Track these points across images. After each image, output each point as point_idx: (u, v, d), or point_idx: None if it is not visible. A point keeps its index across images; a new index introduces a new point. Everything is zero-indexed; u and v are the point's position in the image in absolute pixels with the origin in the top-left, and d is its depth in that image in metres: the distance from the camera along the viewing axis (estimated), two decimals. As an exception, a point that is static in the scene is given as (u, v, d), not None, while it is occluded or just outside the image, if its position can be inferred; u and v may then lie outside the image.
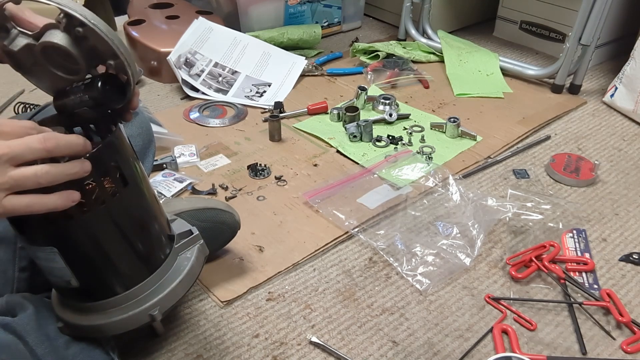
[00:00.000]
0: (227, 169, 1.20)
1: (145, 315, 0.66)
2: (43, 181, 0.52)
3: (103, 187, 0.59)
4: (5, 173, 0.50)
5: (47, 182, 0.52)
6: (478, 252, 0.98)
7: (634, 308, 0.89)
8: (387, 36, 1.87)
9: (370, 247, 1.00)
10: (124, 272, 0.65)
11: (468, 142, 1.29)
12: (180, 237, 0.72)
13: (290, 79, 1.53)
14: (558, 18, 1.67)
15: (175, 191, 1.11)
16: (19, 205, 0.52)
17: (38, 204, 0.53)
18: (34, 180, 0.51)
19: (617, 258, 0.99)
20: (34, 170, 0.51)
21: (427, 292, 0.92)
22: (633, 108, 1.38)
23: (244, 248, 0.99)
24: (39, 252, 0.61)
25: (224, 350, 0.82)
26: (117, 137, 0.60)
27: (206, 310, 0.88)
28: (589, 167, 1.19)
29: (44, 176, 0.52)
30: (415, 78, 1.56)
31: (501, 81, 1.56)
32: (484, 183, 1.18)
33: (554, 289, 0.92)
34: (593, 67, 1.64)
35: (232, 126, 1.36)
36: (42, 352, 0.62)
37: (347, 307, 0.89)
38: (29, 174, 0.51)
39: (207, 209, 0.89)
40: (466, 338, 0.84)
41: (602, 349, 0.83)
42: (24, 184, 0.51)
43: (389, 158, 1.22)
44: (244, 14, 1.66)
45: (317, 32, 1.70)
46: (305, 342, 0.83)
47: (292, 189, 1.14)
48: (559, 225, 1.04)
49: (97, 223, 0.60)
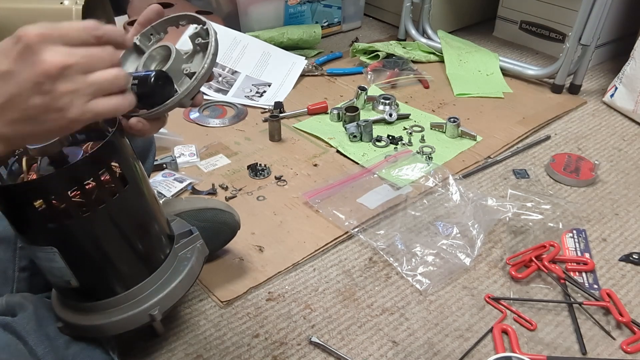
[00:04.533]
0: (227, 169, 1.20)
1: (145, 315, 0.66)
2: (123, 83, 0.51)
3: (103, 187, 0.59)
4: (86, 78, 0.48)
5: (125, 83, 0.51)
6: (478, 252, 0.98)
7: (634, 308, 0.89)
8: (387, 36, 1.87)
9: (370, 247, 1.00)
10: (123, 272, 0.65)
11: (468, 142, 1.29)
12: (180, 237, 0.72)
13: (290, 79, 1.53)
14: (558, 18, 1.67)
15: (175, 191, 1.11)
16: (108, 105, 0.50)
17: (122, 104, 0.51)
18: (117, 81, 0.50)
19: (617, 258, 0.99)
20: (115, 73, 0.50)
21: (427, 292, 0.92)
22: (633, 108, 1.38)
23: (244, 248, 0.99)
24: (39, 252, 0.61)
25: (224, 350, 0.82)
26: (117, 137, 0.60)
27: (206, 310, 0.88)
28: (589, 167, 1.19)
29: (123, 78, 0.51)
30: (415, 78, 1.56)
31: (501, 81, 1.56)
32: (484, 183, 1.18)
33: (554, 289, 0.92)
34: (593, 67, 1.64)
35: (232, 126, 1.36)
36: (42, 352, 0.62)
37: (347, 307, 0.89)
38: (111, 73, 0.50)
39: (207, 209, 0.89)
40: (466, 338, 0.84)
41: (602, 349, 0.83)
42: (108, 87, 0.50)
43: (389, 158, 1.22)
44: (244, 14, 1.66)
45: (317, 32, 1.70)
46: (305, 342, 0.83)
47: (292, 189, 1.14)
48: (559, 225, 1.04)
49: (97, 223, 0.60)
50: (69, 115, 0.47)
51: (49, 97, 0.46)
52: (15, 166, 0.63)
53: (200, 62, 0.62)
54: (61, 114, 0.47)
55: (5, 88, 0.46)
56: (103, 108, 0.49)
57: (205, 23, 0.63)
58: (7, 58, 0.46)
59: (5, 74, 0.46)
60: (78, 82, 0.47)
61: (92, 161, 0.57)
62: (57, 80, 0.46)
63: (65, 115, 0.47)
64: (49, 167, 0.58)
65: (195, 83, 0.60)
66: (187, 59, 0.64)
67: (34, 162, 0.61)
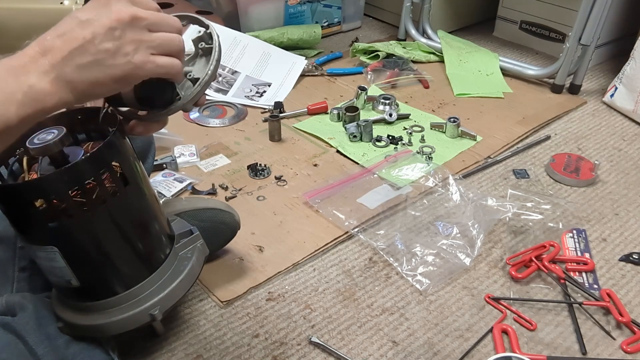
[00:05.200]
0: (227, 169, 1.20)
1: (146, 315, 0.66)
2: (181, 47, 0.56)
3: (104, 186, 0.59)
4: (152, 34, 0.54)
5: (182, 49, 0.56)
6: (478, 252, 0.98)
7: (634, 308, 0.89)
8: (387, 36, 1.87)
9: (370, 247, 1.00)
10: (124, 271, 0.65)
11: (468, 142, 1.29)
12: (180, 237, 0.73)
13: (290, 79, 1.53)
14: (558, 18, 1.67)
15: (175, 191, 1.11)
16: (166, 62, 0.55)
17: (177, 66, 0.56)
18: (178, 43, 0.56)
19: (617, 258, 0.99)
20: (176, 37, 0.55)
21: (427, 292, 0.92)
22: (633, 108, 1.38)
23: (244, 248, 0.99)
24: (39, 251, 0.61)
25: (224, 350, 0.82)
26: (117, 137, 0.60)
27: (206, 310, 0.88)
28: (589, 167, 1.19)
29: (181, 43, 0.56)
30: (415, 78, 1.56)
31: (501, 81, 1.56)
32: (484, 183, 1.18)
33: (554, 289, 0.92)
34: (593, 67, 1.64)
35: (232, 126, 1.36)
36: (42, 352, 0.62)
37: (347, 307, 0.89)
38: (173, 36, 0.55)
39: (207, 209, 0.89)
40: (466, 338, 0.84)
41: (602, 349, 0.83)
42: (169, 46, 0.55)
43: (389, 158, 1.22)
44: (244, 14, 1.66)
45: (317, 32, 1.70)
46: (305, 342, 0.83)
47: (292, 189, 1.14)
48: (559, 225, 1.04)
49: (97, 222, 0.61)
50: (134, 60, 0.52)
51: (118, 42, 0.51)
52: (15, 166, 0.63)
53: (203, 66, 0.62)
54: (127, 59, 0.52)
55: (82, 33, 0.51)
56: (162, 62, 0.54)
57: (209, 27, 0.63)
58: (89, 10, 0.52)
59: (85, 22, 0.51)
60: (144, 34, 0.53)
61: (92, 161, 0.57)
62: (127, 28, 0.52)
63: (130, 60, 0.52)
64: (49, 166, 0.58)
65: (199, 89, 0.60)
66: (189, 62, 0.64)
67: (34, 161, 0.61)
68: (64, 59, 0.50)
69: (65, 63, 0.50)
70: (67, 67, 0.50)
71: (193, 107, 0.63)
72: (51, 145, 0.55)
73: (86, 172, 0.57)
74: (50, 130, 0.57)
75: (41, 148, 0.55)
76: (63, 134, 0.56)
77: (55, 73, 0.50)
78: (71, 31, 0.51)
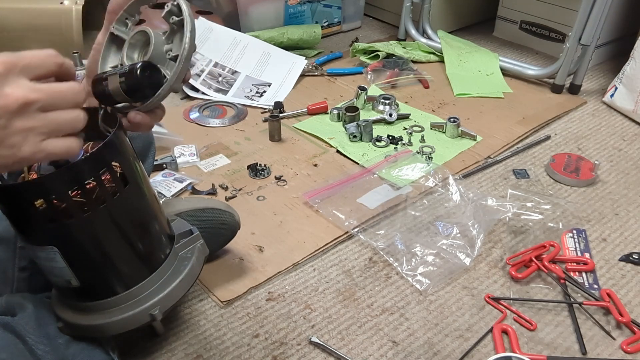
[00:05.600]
0: (227, 169, 1.20)
1: (146, 315, 0.66)
2: (80, 125, 0.50)
3: (104, 186, 0.59)
4: (45, 117, 0.47)
5: (82, 126, 0.50)
6: (478, 252, 0.98)
7: (634, 308, 0.89)
8: (387, 36, 1.87)
9: (370, 247, 1.00)
10: (124, 271, 0.65)
11: (468, 142, 1.29)
12: (181, 237, 0.72)
13: (290, 79, 1.53)
14: (558, 18, 1.67)
15: (175, 191, 1.11)
16: (61, 147, 0.49)
17: (75, 148, 0.50)
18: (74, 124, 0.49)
19: (617, 258, 0.99)
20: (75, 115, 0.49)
21: (427, 292, 0.92)
22: (633, 108, 1.38)
23: (244, 248, 0.99)
24: (39, 251, 0.61)
25: (224, 350, 0.82)
26: (117, 136, 0.60)
27: (206, 310, 0.88)
28: (589, 167, 1.19)
29: (82, 120, 0.50)
30: (415, 78, 1.56)
31: (501, 81, 1.56)
32: (484, 183, 1.18)
33: (554, 289, 0.92)
34: (593, 67, 1.64)
35: (232, 126, 1.36)
36: (42, 352, 0.62)
37: (347, 307, 0.89)
38: (70, 116, 0.49)
39: (207, 209, 0.89)
40: (466, 338, 0.84)
41: (602, 349, 0.83)
42: (64, 128, 0.49)
43: (389, 158, 1.22)
44: (244, 14, 1.66)
45: (317, 32, 1.70)
46: (305, 342, 0.83)
47: (292, 189, 1.14)
48: (559, 225, 1.04)
49: (97, 222, 0.60)
50: (20, 153, 0.46)
51: (3, 133, 0.45)
52: (15, 166, 0.63)
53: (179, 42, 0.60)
54: (12, 151, 0.46)
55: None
56: (55, 149, 0.48)
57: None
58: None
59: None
60: (36, 119, 0.46)
61: (92, 161, 0.57)
62: (15, 116, 0.45)
63: (16, 153, 0.46)
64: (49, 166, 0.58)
65: (181, 66, 0.58)
66: (167, 40, 0.62)
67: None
68: None
69: None
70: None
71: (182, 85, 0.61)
72: None
73: (86, 172, 0.57)
74: (50, 130, 0.57)
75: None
76: None
77: None
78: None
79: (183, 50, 0.58)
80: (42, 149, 0.47)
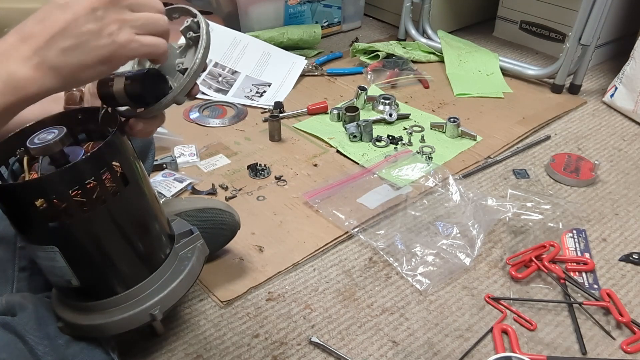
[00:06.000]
0: (227, 169, 1.20)
1: (146, 315, 0.66)
2: (165, 27, 0.55)
3: (104, 186, 0.59)
4: (134, 14, 0.52)
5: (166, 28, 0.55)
6: (478, 252, 0.98)
7: (634, 308, 0.89)
8: (387, 36, 1.87)
9: (370, 247, 1.00)
10: (124, 271, 0.65)
11: (468, 142, 1.29)
12: (181, 237, 0.72)
13: (290, 79, 1.53)
14: (558, 18, 1.67)
15: (175, 191, 1.11)
16: (151, 41, 0.53)
17: (161, 45, 0.54)
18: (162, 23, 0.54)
19: (617, 258, 0.99)
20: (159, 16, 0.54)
21: (427, 292, 0.92)
22: (633, 108, 1.38)
23: (244, 248, 0.99)
24: (39, 251, 0.61)
25: (224, 350, 0.82)
26: (117, 136, 0.60)
27: (206, 310, 0.88)
28: (589, 167, 1.19)
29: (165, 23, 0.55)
30: (415, 78, 1.56)
31: (501, 81, 1.56)
32: (484, 183, 1.18)
33: (554, 289, 0.92)
34: (593, 67, 1.64)
35: (232, 126, 1.36)
36: (42, 352, 0.62)
37: (347, 307, 0.89)
38: (157, 16, 0.54)
39: (207, 209, 0.89)
40: (466, 338, 0.84)
41: (602, 349, 0.83)
42: (153, 26, 0.53)
43: (389, 158, 1.22)
44: (244, 14, 1.66)
45: (317, 32, 1.70)
46: (305, 342, 0.83)
47: (292, 189, 1.14)
48: (559, 225, 1.04)
49: (97, 222, 0.60)
50: (119, 39, 0.51)
51: (101, 23, 0.50)
52: (16, 166, 0.63)
53: (192, 56, 0.61)
54: (111, 39, 0.51)
55: (63, 16, 0.49)
56: (147, 41, 0.53)
57: (197, 15, 0.62)
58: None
59: (64, 5, 0.50)
60: (127, 14, 0.52)
61: (93, 161, 0.57)
62: (109, 8, 0.51)
63: (115, 39, 0.51)
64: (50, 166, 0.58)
65: (188, 80, 0.59)
66: (181, 54, 0.63)
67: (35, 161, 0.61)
68: (47, 43, 0.49)
69: (48, 48, 0.49)
70: (50, 51, 0.49)
71: (188, 97, 0.62)
72: (51, 145, 0.55)
73: (86, 172, 0.57)
74: (50, 130, 0.57)
75: (42, 148, 0.55)
76: (63, 133, 0.56)
77: (37, 59, 0.49)
78: (51, 16, 0.49)
79: (193, 64, 0.59)
80: (137, 39, 0.52)
